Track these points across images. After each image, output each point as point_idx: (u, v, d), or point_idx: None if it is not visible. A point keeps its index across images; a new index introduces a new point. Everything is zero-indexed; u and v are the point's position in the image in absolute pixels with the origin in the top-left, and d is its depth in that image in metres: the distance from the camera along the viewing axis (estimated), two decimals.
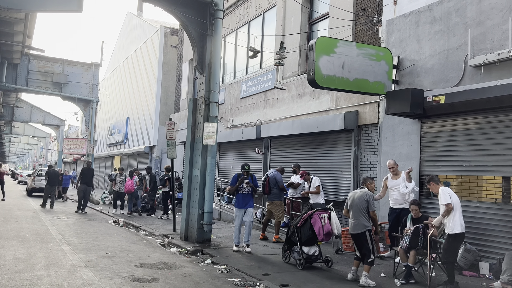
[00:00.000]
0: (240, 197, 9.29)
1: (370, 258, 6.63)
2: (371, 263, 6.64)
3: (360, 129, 10.58)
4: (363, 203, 6.81)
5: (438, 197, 6.61)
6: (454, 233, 6.35)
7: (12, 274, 6.49)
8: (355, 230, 6.83)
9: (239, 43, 16.69)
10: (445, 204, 6.41)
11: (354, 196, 6.99)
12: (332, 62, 8.41)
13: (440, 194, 6.52)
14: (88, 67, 24.96)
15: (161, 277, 6.73)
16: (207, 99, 10.06)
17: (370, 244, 6.74)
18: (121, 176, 16.09)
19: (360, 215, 6.79)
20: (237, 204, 9.34)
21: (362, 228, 6.77)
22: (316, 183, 10.25)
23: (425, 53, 8.90)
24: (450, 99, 7.80)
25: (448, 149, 8.42)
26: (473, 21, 8.01)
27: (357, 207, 6.83)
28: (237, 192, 9.30)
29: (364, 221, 6.78)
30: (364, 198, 6.84)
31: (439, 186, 6.67)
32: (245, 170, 9.37)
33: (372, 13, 10.57)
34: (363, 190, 7.05)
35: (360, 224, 6.78)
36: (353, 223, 6.87)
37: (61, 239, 9.99)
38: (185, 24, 10.18)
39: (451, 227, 6.38)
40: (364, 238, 6.74)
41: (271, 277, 6.97)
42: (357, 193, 7.02)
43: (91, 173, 17.20)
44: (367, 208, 6.81)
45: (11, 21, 15.73)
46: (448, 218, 6.40)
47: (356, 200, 6.89)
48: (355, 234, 6.85)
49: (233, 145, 16.22)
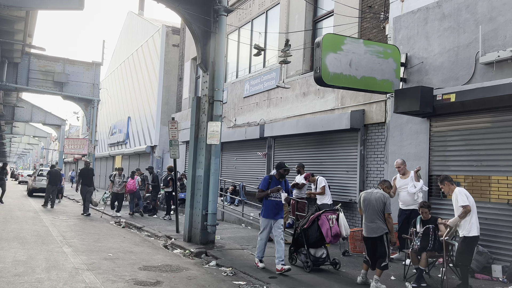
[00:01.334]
0: (269, 204, 7.58)
1: (385, 262, 6.40)
2: (385, 267, 6.41)
3: (366, 128, 10.39)
4: (380, 205, 6.51)
5: (453, 198, 6.39)
6: (470, 235, 6.15)
7: (12, 277, 6.30)
8: (373, 233, 6.50)
9: (242, 42, 16.49)
10: (463, 205, 6.17)
11: (370, 197, 6.64)
12: (339, 59, 8.22)
13: (456, 195, 6.28)
14: (89, 66, 24.79)
15: (165, 281, 6.54)
16: (211, 97, 9.87)
17: (386, 248, 6.48)
18: (120, 176, 15.60)
19: (377, 217, 6.49)
20: (265, 213, 7.61)
21: (380, 231, 6.47)
22: (322, 184, 10.07)
23: (434, 50, 8.70)
24: (461, 97, 7.61)
25: (459, 149, 8.23)
26: (484, 17, 7.82)
27: (374, 209, 6.52)
28: (266, 198, 7.61)
29: (381, 224, 6.49)
30: (382, 199, 6.52)
31: (454, 186, 6.45)
32: (284, 169, 7.64)
33: (378, 10, 10.38)
34: (380, 191, 6.70)
35: (378, 227, 6.47)
36: (370, 226, 6.55)
37: (62, 240, 9.81)
38: (188, 21, 9.99)
39: (467, 229, 6.17)
40: (381, 242, 6.47)
41: (278, 280, 6.78)
42: (374, 194, 6.64)
43: (91, 173, 16.55)
44: (383, 210, 6.52)
45: (12, 19, 15.56)
46: (465, 220, 6.19)
47: (373, 201, 6.56)
48: (373, 237, 6.53)
49: (236, 145, 16.04)
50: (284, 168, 7.65)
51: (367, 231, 6.61)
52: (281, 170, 7.65)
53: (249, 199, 14.41)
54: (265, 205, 7.62)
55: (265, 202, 7.61)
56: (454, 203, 6.40)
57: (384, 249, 6.45)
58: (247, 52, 16.29)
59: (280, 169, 7.67)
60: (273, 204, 7.56)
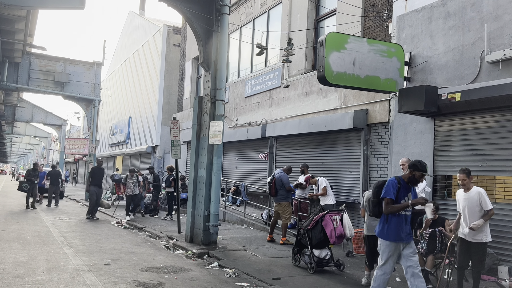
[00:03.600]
0: (396, 222, 5.25)
1: None
2: None
3: (369, 128, 10.30)
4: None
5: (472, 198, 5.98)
6: (488, 240, 5.99)
7: (12, 279, 6.22)
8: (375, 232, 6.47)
9: (243, 42, 16.41)
10: (489, 209, 5.90)
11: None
12: (342, 58, 8.13)
13: (481, 195, 5.95)
14: (90, 66, 24.69)
15: (167, 282, 6.45)
16: (213, 97, 9.79)
17: None
18: (132, 177, 15.00)
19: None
20: (390, 234, 5.26)
21: None
22: (323, 184, 9.96)
23: (439, 49, 8.62)
24: (466, 96, 7.52)
25: (464, 148, 8.14)
26: (489, 15, 7.73)
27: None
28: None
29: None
30: None
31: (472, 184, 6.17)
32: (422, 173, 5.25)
33: (381, 9, 10.29)
34: None
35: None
36: (372, 225, 6.52)
37: (63, 241, 9.73)
38: (190, 20, 9.91)
39: (485, 233, 5.96)
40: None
41: (282, 281, 6.69)
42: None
43: (102, 173, 15.45)
44: None
45: (13, 18, 15.47)
46: (485, 224, 5.93)
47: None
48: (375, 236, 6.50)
49: (238, 145, 15.95)
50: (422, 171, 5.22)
51: (369, 229, 6.60)
52: (417, 173, 5.25)
53: (251, 199, 14.33)
54: (390, 222, 5.27)
55: (391, 218, 5.26)
56: (473, 202, 5.98)
57: None
58: (248, 51, 16.21)
59: (416, 170, 5.23)
60: (403, 220, 5.28)
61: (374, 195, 5.46)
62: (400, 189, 5.26)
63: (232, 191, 15.36)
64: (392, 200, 5.19)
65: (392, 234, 5.25)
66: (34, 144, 69.91)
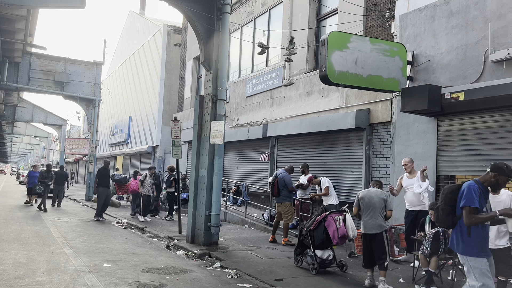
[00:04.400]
0: (481, 234, 4.42)
1: (386, 261, 6.41)
2: (387, 266, 6.42)
3: (372, 128, 10.24)
4: (382, 203, 6.61)
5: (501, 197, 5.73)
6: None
7: (12, 280, 6.16)
8: (374, 229, 6.55)
9: (244, 41, 16.35)
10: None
11: (370, 195, 6.70)
12: (345, 57, 8.07)
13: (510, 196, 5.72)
14: (91, 66, 24.62)
15: (169, 283, 6.39)
16: (214, 96, 9.73)
17: (386, 245, 6.54)
18: (151, 177, 14.57)
19: (378, 214, 6.58)
20: (479, 248, 4.37)
21: (380, 228, 6.55)
22: (325, 184, 9.90)
23: (442, 48, 8.55)
24: (470, 96, 7.46)
25: (467, 148, 8.08)
26: (493, 14, 7.66)
27: (376, 206, 6.59)
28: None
29: (381, 221, 6.60)
30: (383, 197, 6.65)
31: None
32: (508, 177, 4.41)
33: (384, 8, 10.23)
34: (380, 190, 6.85)
35: (377, 224, 6.55)
36: (370, 223, 6.59)
37: (63, 241, 9.67)
38: (191, 19, 9.85)
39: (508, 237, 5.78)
40: (381, 239, 6.53)
41: (284, 282, 6.63)
42: (374, 192, 6.74)
43: (109, 174, 15.22)
44: (384, 208, 6.63)
45: (13, 18, 15.40)
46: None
47: (374, 198, 6.63)
48: (372, 234, 6.57)
49: (239, 144, 15.89)
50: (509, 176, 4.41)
51: (367, 228, 6.63)
52: (502, 177, 4.38)
53: (252, 199, 14.26)
54: (476, 235, 4.37)
55: (474, 230, 4.36)
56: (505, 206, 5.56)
57: (384, 246, 6.49)
58: (249, 51, 16.15)
59: (503, 174, 4.37)
60: (486, 232, 4.50)
61: (446, 202, 4.51)
62: (480, 196, 4.41)
63: (233, 191, 15.30)
64: (477, 209, 4.29)
65: (480, 248, 4.37)
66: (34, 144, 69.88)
